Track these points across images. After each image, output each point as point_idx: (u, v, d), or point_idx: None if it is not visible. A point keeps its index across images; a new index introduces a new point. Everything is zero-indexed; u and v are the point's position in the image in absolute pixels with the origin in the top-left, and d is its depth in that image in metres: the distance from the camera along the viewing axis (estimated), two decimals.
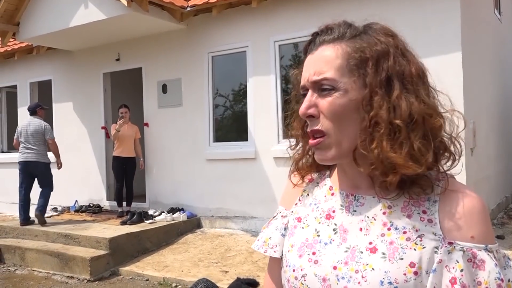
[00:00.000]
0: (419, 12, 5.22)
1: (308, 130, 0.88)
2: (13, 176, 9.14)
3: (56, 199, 7.48)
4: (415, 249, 0.80)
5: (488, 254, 0.78)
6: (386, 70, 0.82)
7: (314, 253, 0.89)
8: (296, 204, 1.00)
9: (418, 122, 0.80)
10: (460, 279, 0.76)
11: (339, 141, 0.85)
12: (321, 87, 0.85)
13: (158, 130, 7.36)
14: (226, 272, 5.03)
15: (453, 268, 0.77)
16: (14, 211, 8.85)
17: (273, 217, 1.04)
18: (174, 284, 4.91)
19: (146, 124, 7.50)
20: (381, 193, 0.86)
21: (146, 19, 6.44)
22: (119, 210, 7.06)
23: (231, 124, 7.07)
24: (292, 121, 0.99)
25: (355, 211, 0.88)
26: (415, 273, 0.78)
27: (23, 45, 8.31)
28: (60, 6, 6.70)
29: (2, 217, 8.74)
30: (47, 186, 6.80)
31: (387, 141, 0.80)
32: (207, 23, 6.77)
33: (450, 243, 0.79)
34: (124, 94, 8.37)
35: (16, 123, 9.28)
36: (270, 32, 6.27)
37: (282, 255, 0.97)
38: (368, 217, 0.86)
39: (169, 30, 7.02)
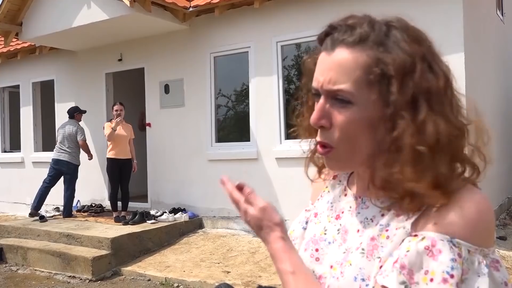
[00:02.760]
0: (421, 13, 5.20)
1: (318, 139, 0.83)
2: (16, 176, 9.18)
3: (58, 199, 7.50)
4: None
5: (451, 248, 0.70)
6: (412, 89, 0.74)
7: (317, 250, 0.90)
8: (318, 200, 1.00)
9: (443, 146, 0.73)
10: (402, 259, 0.72)
11: (348, 156, 0.81)
12: (336, 97, 0.78)
13: (160, 131, 7.37)
14: (228, 272, 5.03)
15: (402, 249, 0.73)
16: (16, 211, 8.88)
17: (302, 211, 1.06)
18: (176, 284, 4.92)
19: (149, 124, 7.51)
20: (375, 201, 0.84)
21: (148, 20, 6.44)
22: (115, 216, 6.70)
23: (233, 125, 7.07)
24: (303, 111, 0.95)
25: (359, 213, 0.87)
26: None
27: (25, 45, 8.32)
28: (63, 6, 6.72)
29: (4, 216, 8.76)
30: (69, 185, 7.21)
31: (411, 167, 0.73)
32: (209, 23, 6.78)
33: (415, 236, 0.74)
34: (126, 94, 8.36)
35: (19, 123, 9.31)
36: (273, 32, 6.26)
37: None
38: (367, 218, 0.85)
39: (172, 31, 7.02)
